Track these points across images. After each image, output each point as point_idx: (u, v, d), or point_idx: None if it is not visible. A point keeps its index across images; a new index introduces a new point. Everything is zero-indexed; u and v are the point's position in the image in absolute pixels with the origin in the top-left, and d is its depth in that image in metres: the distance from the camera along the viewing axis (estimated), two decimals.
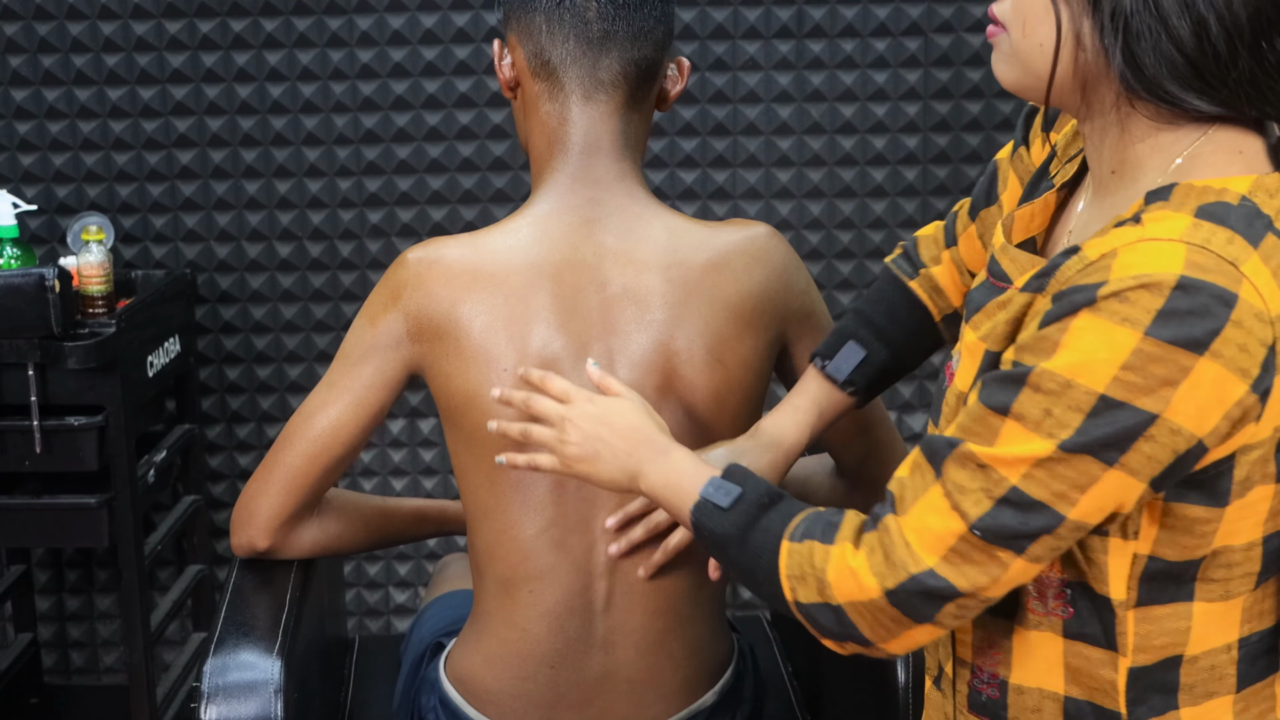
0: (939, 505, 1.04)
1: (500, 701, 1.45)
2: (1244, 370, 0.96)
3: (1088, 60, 1.04)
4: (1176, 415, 0.97)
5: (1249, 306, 0.96)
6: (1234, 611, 1.07)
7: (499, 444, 1.38)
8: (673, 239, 1.42)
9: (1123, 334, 0.96)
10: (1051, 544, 1.02)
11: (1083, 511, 1.00)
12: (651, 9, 1.40)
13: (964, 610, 1.05)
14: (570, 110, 1.42)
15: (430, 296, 1.41)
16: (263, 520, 1.47)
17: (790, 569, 1.11)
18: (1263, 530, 1.05)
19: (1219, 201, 1.00)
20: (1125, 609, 1.06)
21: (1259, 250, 0.99)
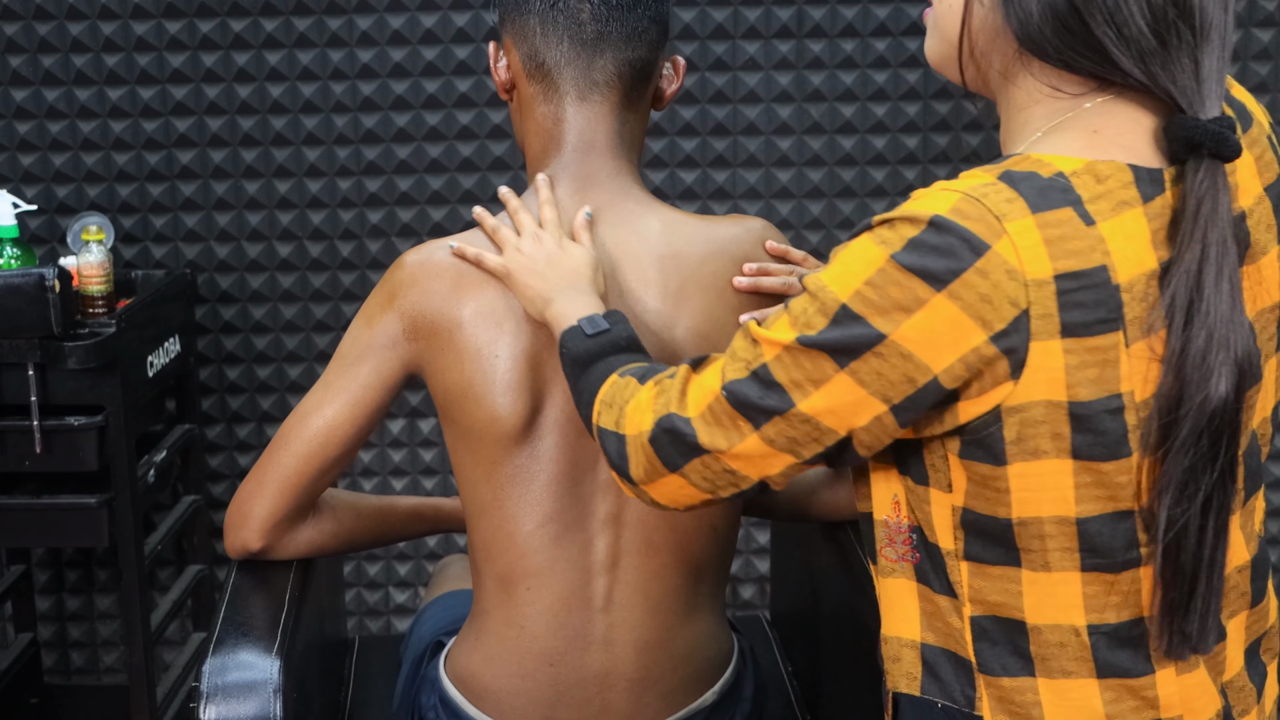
0: (716, 368, 1.14)
1: (500, 700, 1.45)
2: (983, 320, 1.01)
3: (985, 16, 1.10)
4: (906, 341, 1.03)
5: (1000, 260, 1.00)
6: (1066, 588, 1.07)
7: (495, 438, 1.39)
8: (669, 232, 1.43)
9: (875, 253, 1.03)
10: (784, 429, 1.09)
11: (813, 407, 1.07)
12: (645, 10, 1.41)
13: (709, 471, 1.14)
14: (565, 111, 1.42)
15: (425, 294, 1.41)
16: (257, 521, 1.47)
17: (605, 394, 1.23)
18: (1075, 510, 1.05)
19: (1030, 170, 1.04)
20: (955, 559, 1.11)
21: (1039, 216, 1.02)
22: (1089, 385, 1.02)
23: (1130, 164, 1.05)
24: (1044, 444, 1.04)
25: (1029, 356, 1.02)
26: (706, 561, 1.46)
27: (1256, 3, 2.46)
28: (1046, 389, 1.02)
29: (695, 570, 1.45)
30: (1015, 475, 1.05)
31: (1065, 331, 1.02)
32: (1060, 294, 1.01)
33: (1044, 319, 1.01)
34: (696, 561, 1.45)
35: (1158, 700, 1.09)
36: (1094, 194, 1.03)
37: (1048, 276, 1.01)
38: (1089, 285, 1.02)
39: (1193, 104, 1.05)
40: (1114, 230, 1.03)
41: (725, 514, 1.47)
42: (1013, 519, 1.07)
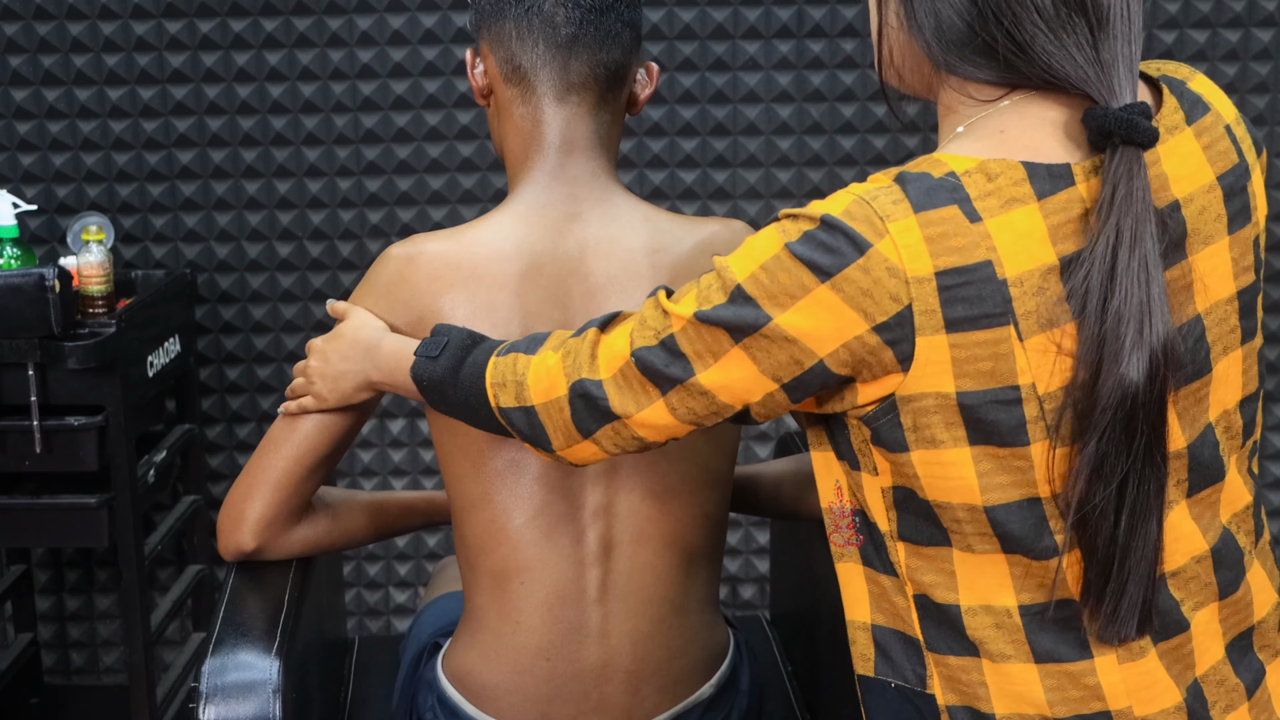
0: (624, 333, 1.18)
1: (498, 696, 1.46)
2: (865, 311, 1.06)
3: (903, 38, 1.15)
4: (789, 326, 1.08)
5: (882, 258, 1.05)
6: (994, 569, 1.09)
7: (483, 436, 1.40)
8: (653, 229, 1.44)
9: (774, 240, 1.09)
10: (685, 399, 1.15)
11: (711, 380, 1.13)
12: (618, 14, 1.43)
13: (619, 437, 1.20)
14: (544, 112, 1.44)
15: (412, 291, 1.42)
16: (250, 522, 1.48)
17: (494, 377, 1.26)
18: (981, 498, 1.07)
19: (921, 172, 1.07)
20: (892, 539, 1.14)
21: (921, 215, 1.05)
22: (979, 377, 1.05)
23: (1025, 161, 1.07)
24: (940, 433, 1.07)
25: (916, 350, 1.05)
26: (699, 550, 1.47)
27: (1257, 3, 2.46)
28: (935, 381, 1.06)
29: (688, 559, 1.46)
30: (919, 463, 1.09)
31: (949, 327, 1.05)
32: (941, 290, 1.04)
33: (927, 315, 1.05)
34: (689, 550, 1.46)
35: (1101, 689, 1.09)
36: (983, 191, 1.05)
37: (928, 274, 1.04)
38: (971, 281, 1.04)
39: (1102, 93, 1.07)
40: (1001, 227, 1.05)
41: (718, 502, 1.48)
42: (931, 503, 1.10)
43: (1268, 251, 2.56)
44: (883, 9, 1.17)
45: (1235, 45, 2.46)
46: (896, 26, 1.15)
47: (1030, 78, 1.09)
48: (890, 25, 1.16)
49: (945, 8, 1.10)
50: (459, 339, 1.32)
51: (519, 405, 1.24)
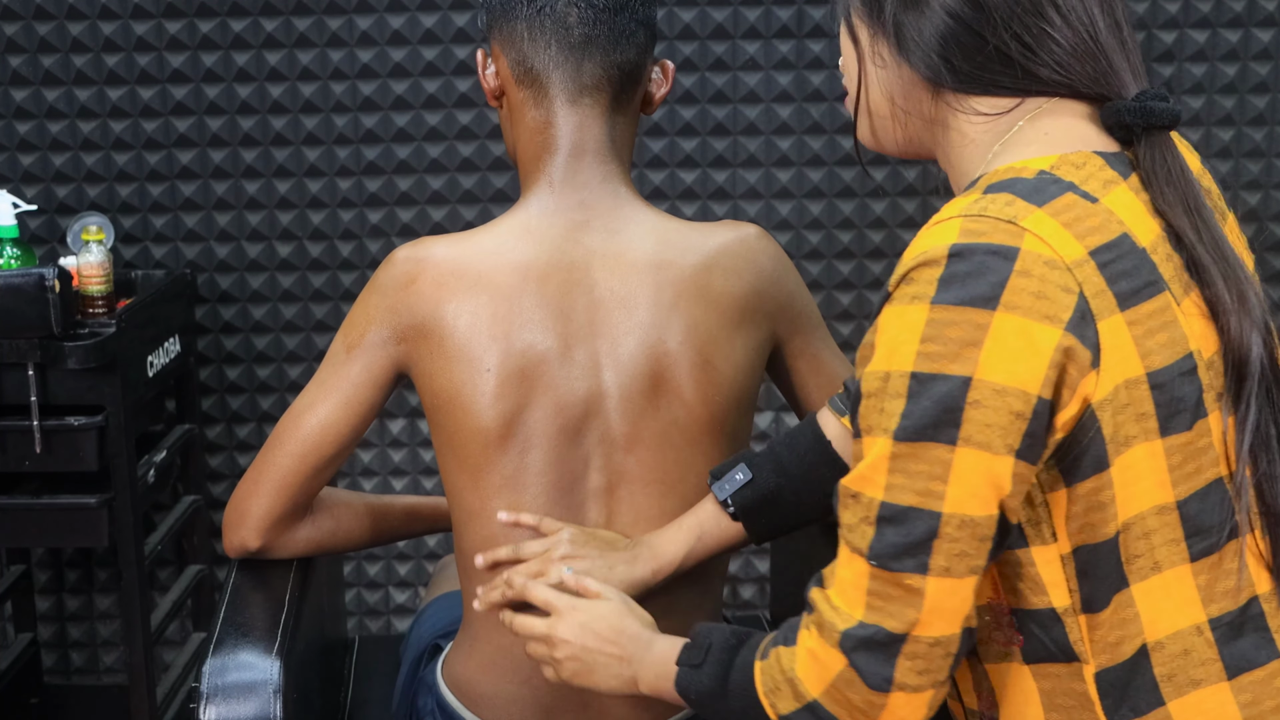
0: (844, 557, 1.04)
1: (497, 705, 1.45)
2: (1049, 316, 0.98)
3: (891, 75, 1.11)
4: (991, 374, 0.97)
5: (1034, 256, 0.98)
6: (1180, 586, 1.04)
7: (482, 446, 1.39)
8: (661, 241, 1.42)
9: (913, 311, 0.99)
10: (950, 549, 1.00)
11: (956, 503, 0.99)
12: (632, 13, 1.41)
13: (917, 660, 1.02)
14: (556, 115, 1.42)
15: (417, 296, 1.41)
16: (254, 521, 1.48)
17: (765, 685, 1.11)
18: (1172, 493, 1.03)
19: (1011, 178, 1.03)
20: (1073, 615, 1.05)
21: (1046, 207, 1.00)
22: (1161, 351, 1.01)
23: (1095, 151, 1.06)
24: (1132, 429, 1.01)
25: (1100, 338, 0.99)
26: (700, 569, 1.46)
27: (1257, 3, 2.46)
28: (1123, 367, 1.00)
29: (689, 578, 1.45)
30: (1118, 473, 1.02)
31: (1122, 304, 1.00)
32: (1102, 268, 1.00)
33: (1099, 296, 1.00)
34: (689, 570, 1.44)
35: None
36: (1081, 177, 1.04)
37: (1083, 256, 1.00)
38: (1122, 254, 1.01)
39: (1113, 88, 1.07)
40: (1115, 203, 1.03)
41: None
42: (1119, 530, 1.03)
43: (1268, 251, 2.56)
44: (862, 58, 1.12)
45: (1235, 45, 2.46)
46: (883, 66, 1.11)
47: (1045, 84, 1.06)
48: (876, 67, 1.12)
49: (943, 22, 1.06)
50: (722, 642, 1.18)
51: (799, 705, 1.07)
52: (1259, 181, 2.52)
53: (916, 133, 1.13)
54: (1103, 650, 1.05)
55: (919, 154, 1.16)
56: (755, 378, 1.46)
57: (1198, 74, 2.47)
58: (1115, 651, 1.05)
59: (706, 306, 1.41)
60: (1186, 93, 2.49)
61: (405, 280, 1.42)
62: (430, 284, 1.40)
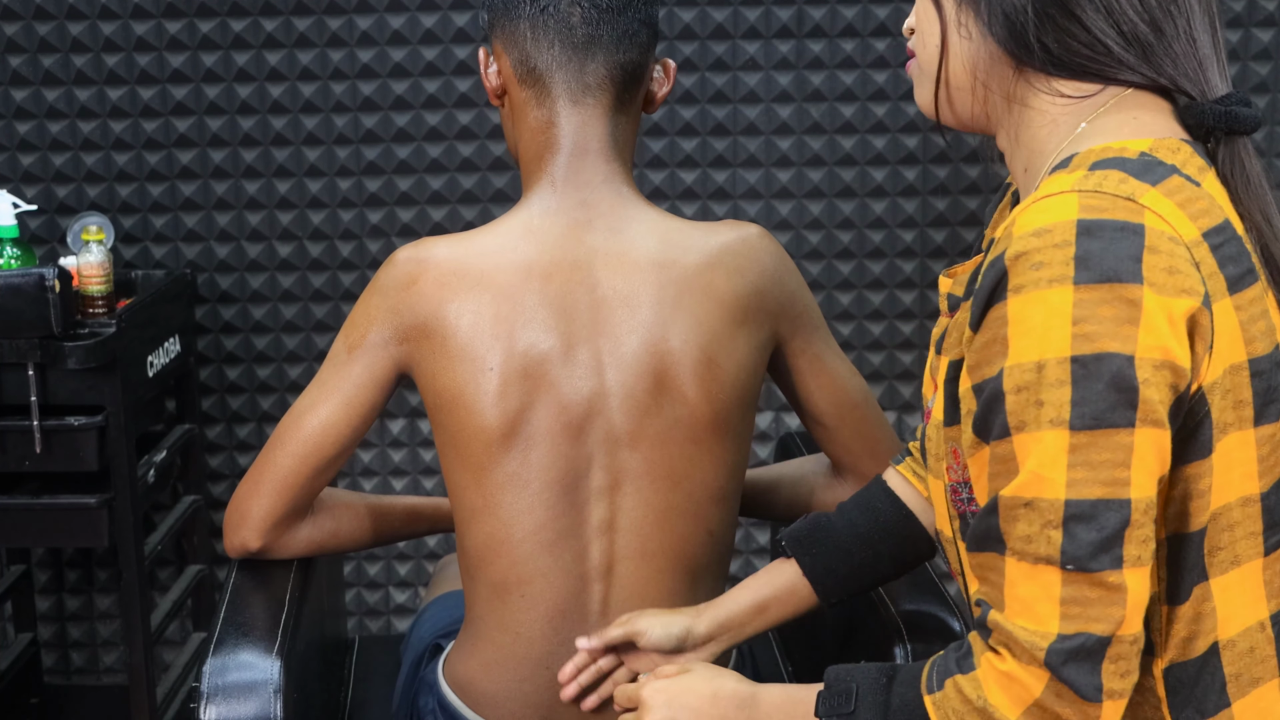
0: (1023, 572, 0.98)
1: (499, 704, 1.45)
2: (1184, 289, 0.96)
3: (975, 48, 1.08)
4: (1149, 350, 0.94)
5: (1158, 233, 0.96)
6: (1252, 580, 1.03)
7: (485, 445, 1.39)
8: (663, 239, 1.42)
9: (1055, 294, 0.94)
10: (1139, 536, 0.95)
11: (1140, 487, 0.95)
12: (635, 13, 1.41)
13: (1120, 662, 0.97)
14: (558, 114, 1.42)
15: (419, 296, 1.41)
16: (255, 521, 1.48)
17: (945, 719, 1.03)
18: (1258, 485, 1.02)
19: (1114, 156, 1.01)
20: (1157, 604, 1.03)
21: (1159, 186, 0.99)
22: (1261, 339, 1.00)
23: (1182, 139, 1.05)
24: (1229, 416, 1.00)
25: (1215, 319, 0.98)
26: (704, 567, 1.46)
27: (1257, 3, 2.46)
28: (1229, 352, 0.99)
29: (692, 576, 1.45)
30: (1218, 458, 1.00)
31: (1231, 287, 0.99)
32: (1214, 249, 0.99)
33: (1213, 278, 0.99)
34: (693, 567, 1.45)
35: None
36: (1180, 161, 1.02)
37: (1197, 237, 0.99)
38: (1228, 239, 1.01)
39: (1200, 87, 1.05)
40: (1213, 189, 1.03)
41: (722, 519, 1.46)
42: (1207, 521, 1.01)
43: None
44: (946, 27, 1.09)
45: (1235, 45, 2.46)
46: (968, 38, 1.09)
47: (1132, 73, 1.05)
48: (961, 39, 1.09)
49: (1040, 3, 1.04)
50: (870, 684, 1.08)
51: None
52: None
53: (993, 108, 1.11)
54: (1174, 646, 1.03)
55: (982, 129, 1.14)
56: (757, 377, 1.46)
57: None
58: (1186, 648, 1.03)
59: (710, 305, 1.41)
60: None
61: (407, 280, 1.42)
62: (432, 284, 1.40)
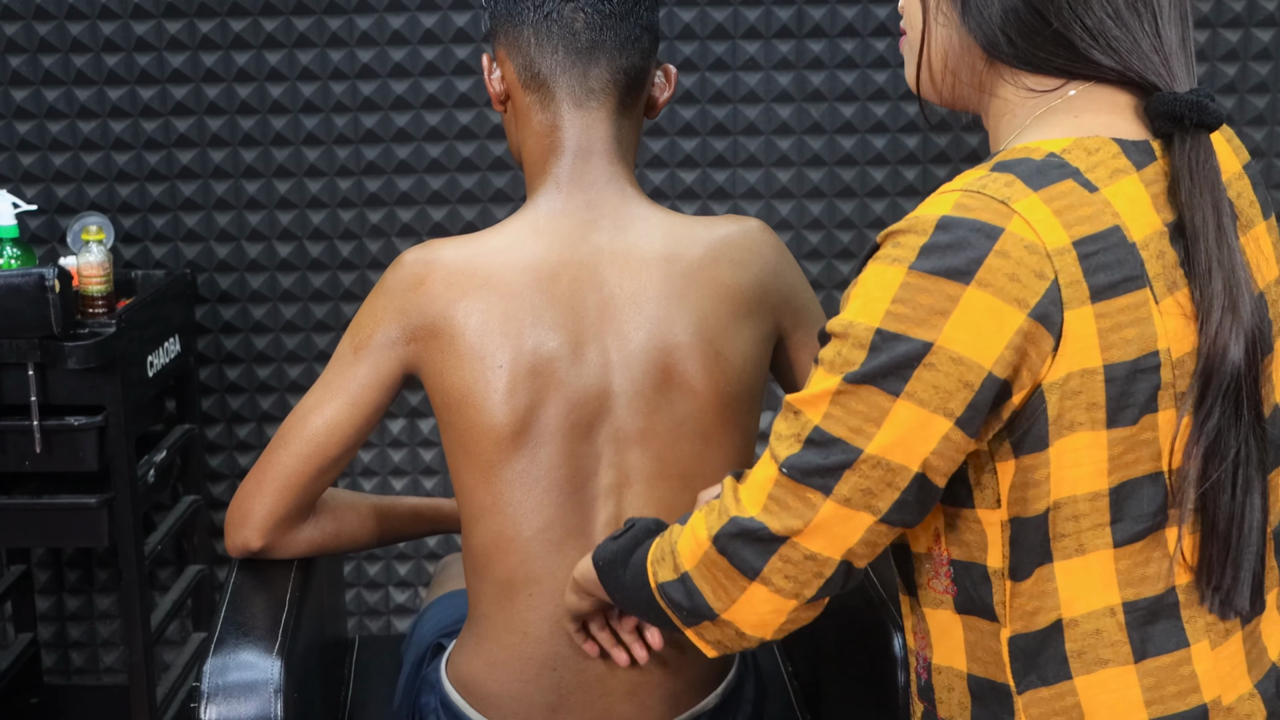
0: (763, 461, 1.10)
1: (502, 704, 1.45)
2: (1018, 299, 1.01)
3: (951, 34, 1.13)
4: (952, 343, 1.01)
5: (1016, 238, 1.01)
6: (1100, 568, 1.07)
7: (493, 443, 1.39)
8: (667, 236, 1.43)
9: (892, 271, 1.03)
10: (857, 482, 1.05)
11: (881, 446, 1.04)
12: (637, 18, 1.42)
13: (789, 565, 1.08)
14: (562, 118, 1.43)
15: (426, 297, 1.41)
16: (257, 520, 1.48)
17: (654, 555, 1.19)
18: (1107, 481, 1.06)
19: (1020, 157, 1.06)
20: (1001, 578, 1.09)
21: (1042, 192, 1.03)
22: (1123, 346, 1.03)
23: (1115, 138, 1.08)
24: (1079, 416, 1.04)
25: (1064, 327, 1.02)
26: None
27: (1257, 3, 2.46)
28: (1082, 357, 1.03)
29: None
30: (1056, 455, 1.05)
31: (1095, 296, 1.02)
32: (1082, 259, 1.02)
33: (1073, 286, 1.02)
34: None
35: (1196, 679, 1.09)
36: (1089, 164, 1.06)
37: (1066, 244, 1.02)
38: (1107, 246, 1.03)
39: (1166, 81, 1.08)
40: (1116, 194, 1.05)
41: None
42: (1050, 506, 1.06)
43: None
44: (927, 10, 1.14)
45: (1235, 45, 2.46)
46: (944, 24, 1.13)
47: (1099, 68, 1.08)
48: (938, 24, 1.14)
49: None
50: (645, 524, 1.27)
51: (674, 577, 1.15)
52: None
53: (965, 92, 1.16)
54: (1019, 617, 1.09)
55: (962, 107, 1.19)
56: (763, 370, 1.47)
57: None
58: (1030, 620, 1.09)
59: (715, 298, 1.42)
60: None
61: (414, 281, 1.42)
62: (440, 284, 1.41)
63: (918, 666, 1.19)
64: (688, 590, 1.14)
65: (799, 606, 1.11)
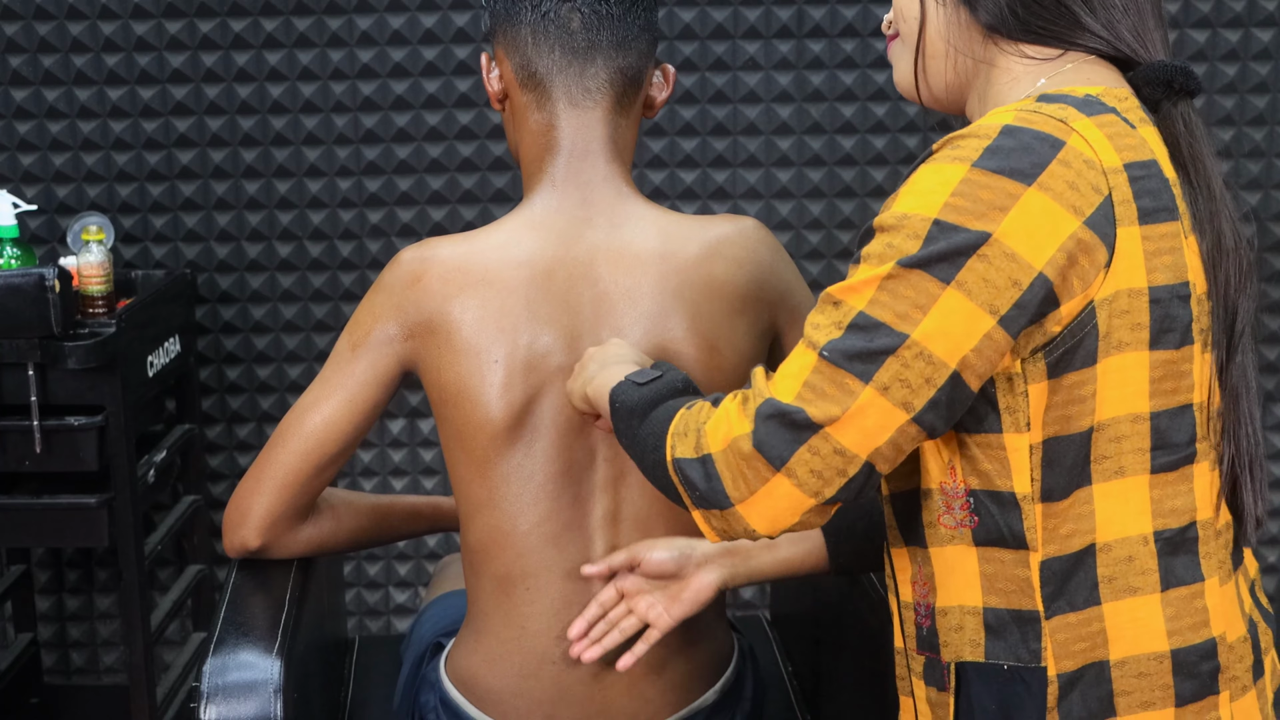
0: (798, 350, 1.08)
1: (502, 700, 1.46)
2: (1074, 206, 1.04)
3: (950, 15, 1.17)
4: (1008, 238, 1.03)
5: (1077, 152, 1.05)
6: (1137, 494, 1.10)
7: (489, 438, 1.40)
8: (662, 234, 1.44)
9: (952, 169, 1.05)
10: (897, 371, 1.04)
11: (926, 333, 1.03)
12: (635, 18, 1.42)
13: (817, 459, 1.05)
14: (559, 117, 1.43)
15: (424, 293, 1.42)
16: (255, 519, 1.48)
17: (676, 427, 1.15)
18: (1149, 404, 1.09)
19: (1063, 93, 1.11)
20: (1031, 503, 1.10)
21: (1094, 119, 1.08)
22: (1165, 271, 1.08)
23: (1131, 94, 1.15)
24: (1125, 336, 1.08)
25: (1116, 243, 1.06)
26: None
27: (1257, 3, 2.46)
28: (1129, 276, 1.07)
29: None
30: (1103, 373, 1.08)
31: (1143, 218, 1.07)
32: (1133, 181, 1.07)
33: (1124, 205, 1.06)
34: None
35: (1207, 614, 1.12)
36: (1123, 108, 1.12)
37: (1119, 165, 1.07)
38: (1151, 175, 1.09)
39: (1148, 53, 1.16)
40: (1148, 135, 1.11)
41: None
42: (1094, 426, 1.09)
43: (1268, 251, 2.56)
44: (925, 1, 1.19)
45: (1235, 45, 2.46)
46: (942, 5, 1.18)
47: (1095, 37, 1.14)
48: (936, 5, 1.18)
49: None
50: (672, 379, 1.24)
51: (695, 455, 1.11)
52: (1259, 181, 2.52)
53: (964, 73, 1.19)
54: (1053, 540, 1.11)
55: (954, 102, 1.22)
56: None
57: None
58: (1064, 544, 1.10)
59: (710, 295, 1.42)
60: None
61: (411, 279, 1.43)
62: (437, 280, 1.41)
63: (917, 618, 1.19)
64: (706, 473, 1.10)
65: (814, 507, 1.09)
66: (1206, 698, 1.12)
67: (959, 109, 1.22)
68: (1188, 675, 1.11)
